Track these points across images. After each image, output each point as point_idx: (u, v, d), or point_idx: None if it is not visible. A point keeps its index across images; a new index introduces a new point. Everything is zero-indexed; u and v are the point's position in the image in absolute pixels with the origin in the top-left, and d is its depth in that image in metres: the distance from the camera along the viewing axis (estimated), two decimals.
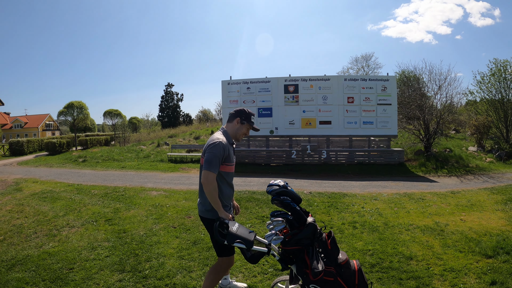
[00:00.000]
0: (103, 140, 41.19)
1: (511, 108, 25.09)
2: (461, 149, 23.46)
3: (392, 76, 20.56)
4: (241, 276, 5.66)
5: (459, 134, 30.64)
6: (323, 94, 20.02)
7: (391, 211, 9.57)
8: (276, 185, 3.79)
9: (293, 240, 3.60)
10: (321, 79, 20.14)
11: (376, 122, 19.87)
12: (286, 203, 3.72)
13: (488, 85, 26.04)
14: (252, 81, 20.82)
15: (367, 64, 52.77)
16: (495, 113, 25.78)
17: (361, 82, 20.15)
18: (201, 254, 6.52)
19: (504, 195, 11.42)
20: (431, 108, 22.25)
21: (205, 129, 37.35)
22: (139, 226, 8.37)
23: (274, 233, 3.60)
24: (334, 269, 3.51)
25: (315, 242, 3.62)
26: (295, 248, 3.60)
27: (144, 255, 6.55)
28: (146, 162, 22.21)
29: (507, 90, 25.38)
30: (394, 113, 20.03)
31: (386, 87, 19.97)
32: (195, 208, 9.96)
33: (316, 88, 20.08)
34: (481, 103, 27.35)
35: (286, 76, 20.46)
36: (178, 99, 68.12)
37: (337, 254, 3.65)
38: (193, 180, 15.29)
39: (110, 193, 12.09)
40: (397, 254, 6.46)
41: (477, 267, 5.85)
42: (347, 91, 19.98)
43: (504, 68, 25.45)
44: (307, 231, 3.59)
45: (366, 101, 19.89)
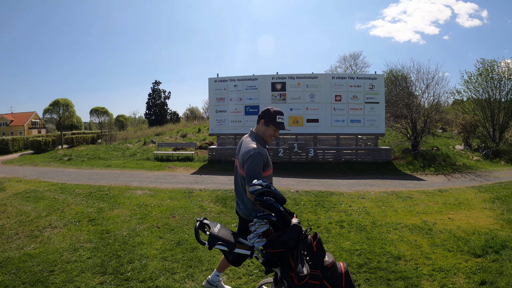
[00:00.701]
0: (90, 138, 40.70)
1: (498, 107, 25.49)
2: (448, 148, 23.61)
3: (380, 75, 20.58)
4: (226, 277, 5.53)
5: (446, 132, 30.81)
6: (311, 92, 19.96)
7: (379, 210, 9.48)
8: (259, 185, 3.61)
9: (277, 242, 3.46)
10: (309, 77, 20.08)
11: (364, 120, 19.86)
12: (269, 204, 3.55)
13: (475, 85, 26.44)
14: (239, 78, 20.70)
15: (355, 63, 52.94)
16: (482, 112, 26.12)
17: (349, 80, 20.12)
18: (185, 255, 6.38)
19: (491, 194, 11.41)
20: (418, 107, 22.32)
21: (192, 127, 37.13)
22: (122, 226, 8.19)
23: (257, 235, 3.45)
24: (320, 272, 3.40)
25: (300, 244, 3.48)
26: (279, 251, 3.47)
27: (127, 256, 6.39)
28: (132, 160, 21.96)
29: (494, 90, 25.76)
30: (382, 112, 20.01)
31: (373, 86, 19.93)
32: (180, 207, 9.81)
33: (303, 86, 20.01)
34: (468, 102, 27.67)
35: (273, 74, 20.39)
36: (166, 96, 67.85)
37: (323, 257, 3.55)
38: (179, 179, 15.11)
39: (94, 193, 11.88)
40: (385, 254, 6.37)
41: (466, 266, 5.79)
42: (334, 89, 19.92)
43: (491, 68, 25.84)
44: (292, 233, 3.45)
45: (353, 99, 19.85)
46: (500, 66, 25.86)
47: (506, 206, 9.83)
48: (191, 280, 5.46)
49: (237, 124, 20.62)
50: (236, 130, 20.66)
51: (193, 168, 18.41)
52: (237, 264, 3.61)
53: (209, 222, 3.61)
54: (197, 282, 5.39)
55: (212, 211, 9.49)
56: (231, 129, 20.78)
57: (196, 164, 19.75)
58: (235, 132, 20.72)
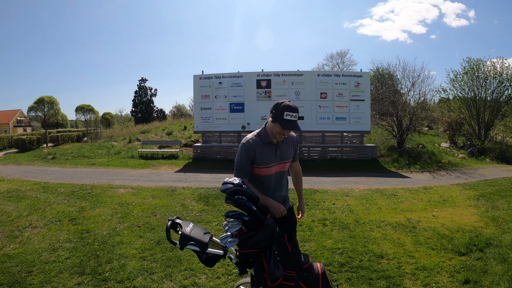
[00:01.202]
0: (75, 137, 40.28)
1: (483, 106, 25.85)
2: (433, 145, 23.76)
3: (366, 72, 20.58)
4: (204, 277, 5.41)
5: (432, 130, 31.06)
6: (296, 89, 19.88)
7: (363, 208, 9.40)
8: (231, 183, 3.45)
9: (250, 242, 3.32)
10: (294, 74, 19.98)
11: (349, 118, 19.82)
12: (241, 203, 3.40)
13: (461, 83, 26.85)
14: (224, 75, 20.56)
15: (342, 61, 52.91)
16: (468, 111, 26.45)
17: (335, 77, 20.06)
18: (164, 255, 6.24)
19: (476, 191, 11.45)
20: (404, 105, 22.42)
21: (178, 125, 36.96)
22: (103, 225, 8.03)
23: (229, 235, 3.31)
24: (295, 273, 3.29)
25: (274, 244, 3.35)
26: (252, 251, 3.33)
27: (106, 256, 6.24)
28: (117, 158, 21.73)
29: (480, 88, 26.17)
30: (367, 109, 20.02)
31: (359, 83, 19.91)
32: (161, 206, 9.69)
33: (289, 83, 19.91)
34: (454, 101, 28.05)
35: (258, 71, 20.27)
36: (152, 94, 67.39)
37: (299, 257, 3.42)
38: (163, 177, 14.93)
39: (77, 191, 11.66)
40: (368, 253, 6.28)
41: (449, 265, 5.73)
42: (320, 86, 19.85)
43: (477, 67, 26.23)
44: (264, 233, 3.31)
45: (339, 96, 19.80)
46: (486, 65, 26.25)
47: (491, 203, 9.88)
48: (169, 280, 5.33)
49: (222, 122, 20.47)
50: (221, 127, 20.54)
51: (177, 166, 18.24)
52: (210, 264, 3.44)
53: (181, 222, 3.43)
54: (175, 282, 5.27)
55: (194, 209, 9.36)
56: (216, 127, 20.63)
57: (180, 162, 19.57)
58: (220, 129, 20.60)
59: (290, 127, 3.58)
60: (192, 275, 5.44)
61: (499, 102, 25.93)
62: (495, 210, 9.18)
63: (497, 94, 25.91)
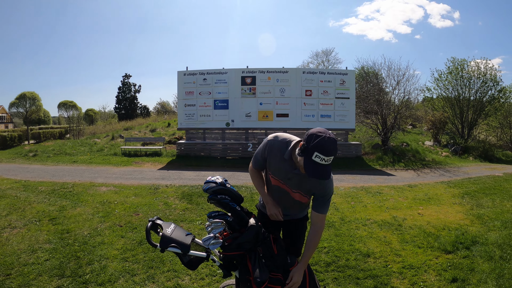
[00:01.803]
0: (57, 133, 39.64)
1: (467, 105, 26.27)
2: (418, 144, 23.96)
3: (351, 70, 20.61)
4: (188, 279, 5.27)
5: (416, 129, 31.34)
6: (281, 86, 19.80)
7: (348, 206, 9.33)
8: (213, 182, 3.35)
9: (234, 244, 3.19)
10: (279, 71, 19.92)
11: (334, 115, 19.86)
12: (225, 203, 3.30)
13: (445, 83, 27.31)
14: (208, 72, 20.34)
15: (327, 59, 52.94)
16: (452, 110, 26.83)
17: (320, 75, 20.06)
18: (146, 255, 6.06)
19: (461, 189, 11.51)
20: (389, 103, 22.55)
21: (162, 122, 36.64)
22: (84, 225, 7.79)
23: (212, 236, 3.15)
24: (281, 276, 3.15)
25: (259, 246, 3.22)
26: (236, 254, 3.20)
27: (86, 257, 6.04)
28: (99, 156, 21.40)
29: (464, 88, 26.63)
30: (352, 107, 20.07)
31: (344, 81, 19.93)
32: (144, 204, 9.47)
33: (273, 80, 19.82)
34: (438, 100, 28.44)
35: (243, 68, 20.14)
36: (136, 90, 66.53)
37: (285, 259, 3.27)
38: (145, 174, 14.72)
39: (58, 190, 11.36)
40: (354, 251, 6.21)
41: (436, 263, 5.70)
42: (305, 84, 19.83)
43: (461, 67, 26.73)
44: (249, 234, 3.18)
45: (324, 94, 19.80)
46: (470, 65, 26.68)
47: (476, 201, 9.91)
48: (152, 282, 5.19)
49: (206, 119, 20.28)
50: (205, 124, 20.36)
51: (160, 164, 18.03)
52: (193, 267, 3.30)
53: (162, 222, 3.29)
54: (157, 284, 5.13)
55: (177, 208, 9.17)
56: (200, 124, 20.43)
57: (164, 159, 19.35)
58: (204, 126, 20.42)
59: (315, 173, 2.81)
60: (175, 277, 5.30)
61: (483, 102, 26.37)
62: (479, 208, 9.20)
63: (481, 94, 26.33)
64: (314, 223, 3.30)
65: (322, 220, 3.30)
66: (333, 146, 2.77)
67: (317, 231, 3.29)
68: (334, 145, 2.78)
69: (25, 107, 38.60)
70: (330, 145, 2.75)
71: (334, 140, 2.79)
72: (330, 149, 2.75)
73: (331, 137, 2.78)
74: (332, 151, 2.76)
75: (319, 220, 3.29)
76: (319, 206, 3.27)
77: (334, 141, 2.79)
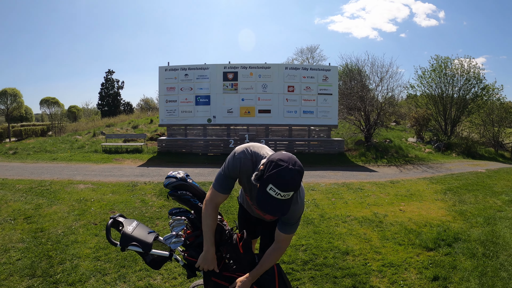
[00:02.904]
0: (39, 131, 39.13)
1: (450, 102, 26.64)
2: (401, 140, 24.09)
3: (334, 66, 20.53)
4: (160, 278, 5.09)
5: (399, 126, 31.54)
6: (263, 82, 19.64)
7: (328, 202, 9.17)
8: (173, 177, 3.15)
9: (196, 243, 3.03)
10: (262, 67, 19.74)
11: (317, 111, 19.77)
12: (186, 199, 3.12)
13: (428, 80, 27.75)
14: (190, 67, 20.10)
15: (312, 56, 52.88)
16: (435, 107, 27.20)
17: (302, 71, 19.95)
18: (118, 255, 5.85)
19: (443, 185, 11.49)
20: (372, 100, 22.57)
21: (145, 118, 36.40)
22: (58, 223, 7.56)
23: (174, 234, 2.98)
24: None
25: (223, 246, 3.01)
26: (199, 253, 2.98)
27: (58, 256, 5.83)
28: (80, 153, 21.06)
29: (447, 86, 27.09)
30: (335, 103, 20.01)
31: (327, 77, 19.86)
32: (120, 202, 9.24)
33: (256, 76, 19.65)
34: (421, 97, 28.92)
35: (225, 63, 19.93)
36: (119, 86, 65.90)
37: (253, 259, 3.05)
38: (125, 171, 14.46)
39: (35, 188, 11.05)
40: (333, 249, 6.04)
41: (417, 261, 5.58)
42: (287, 79, 19.70)
43: (445, 65, 27.16)
44: None
45: (306, 90, 19.72)
46: (454, 63, 27.04)
47: (458, 197, 9.88)
48: (123, 281, 5.00)
49: (188, 115, 20.08)
50: (186, 120, 20.16)
51: (141, 160, 17.79)
52: (156, 267, 3.09)
53: (124, 220, 3.11)
54: (129, 283, 4.94)
55: (154, 205, 8.96)
56: (181, 120, 20.23)
57: (144, 156, 19.10)
58: (186, 122, 20.22)
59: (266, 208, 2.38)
60: (147, 276, 5.12)
61: (466, 99, 26.73)
62: (462, 204, 9.14)
63: (464, 91, 26.71)
64: (277, 241, 2.89)
65: (286, 240, 2.90)
66: (294, 181, 2.30)
67: (279, 250, 2.90)
68: (296, 179, 2.31)
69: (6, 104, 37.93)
70: (290, 179, 2.29)
71: (297, 173, 2.32)
72: (289, 183, 2.29)
73: (294, 169, 2.31)
74: (291, 186, 2.30)
75: (283, 240, 2.88)
76: (283, 227, 2.82)
77: (298, 173, 2.33)
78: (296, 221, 2.82)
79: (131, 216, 7.89)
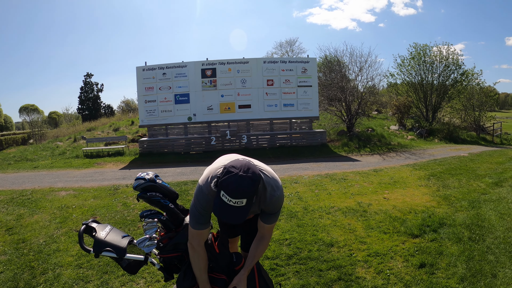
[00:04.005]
0: (20, 139, 38.59)
1: (431, 89, 27.22)
2: (383, 128, 24.31)
3: (312, 58, 20.50)
4: (143, 282, 4.99)
5: (381, 114, 31.83)
6: (242, 77, 19.57)
7: (312, 194, 9.07)
8: (142, 179, 3.06)
9: (169, 245, 2.94)
10: (240, 62, 19.64)
11: (297, 104, 19.78)
12: (155, 200, 3.03)
13: (408, 68, 28.48)
14: (168, 66, 19.91)
15: (291, 49, 52.99)
16: (415, 94, 27.74)
17: (281, 64, 19.92)
18: (101, 260, 5.71)
19: (426, 171, 11.52)
20: (352, 90, 22.59)
21: (126, 120, 36.13)
22: (40, 233, 7.40)
23: (147, 237, 2.88)
24: (226, 277, 2.86)
25: None
26: (173, 255, 2.94)
27: (40, 267, 5.72)
28: (61, 159, 20.78)
29: (427, 73, 27.72)
30: (315, 95, 20.02)
31: (306, 69, 19.85)
32: (102, 206, 9.08)
33: (234, 71, 19.54)
34: (402, 85, 29.51)
35: (203, 60, 19.79)
36: (99, 89, 65.40)
37: (229, 258, 2.95)
38: (106, 175, 14.27)
39: (16, 198, 10.83)
40: (317, 242, 5.94)
41: (403, 248, 5.52)
42: (266, 73, 19.64)
43: (423, 52, 27.82)
44: (184, 234, 2.91)
45: (286, 83, 19.69)
46: (432, 51, 27.56)
47: (442, 182, 9.89)
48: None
49: (168, 114, 19.90)
50: (166, 120, 20.00)
51: (123, 163, 17.60)
52: (132, 271, 2.99)
53: (97, 225, 3.03)
54: None
55: (136, 208, 8.78)
56: (161, 119, 20.04)
57: (126, 158, 18.90)
58: (166, 122, 20.05)
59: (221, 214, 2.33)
60: (130, 281, 5.00)
61: (445, 85, 27.26)
62: (446, 188, 9.14)
63: (443, 77, 27.29)
64: (261, 232, 2.88)
65: (270, 230, 2.90)
66: (243, 188, 2.24)
67: (265, 240, 2.89)
68: (246, 186, 2.25)
69: None
70: (238, 187, 2.23)
71: (248, 179, 2.27)
72: (239, 191, 2.23)
73: (245, 176, 2.26)
74: (242, 193, 2.23)
75: (267, 231, 2.87)
76: (266, 218, 2.80)
77: (249, 180, 2.27)
78: (278, 211, 2.80)
79: (113, 221, 7.83)
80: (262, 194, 2.63)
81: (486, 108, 27.46)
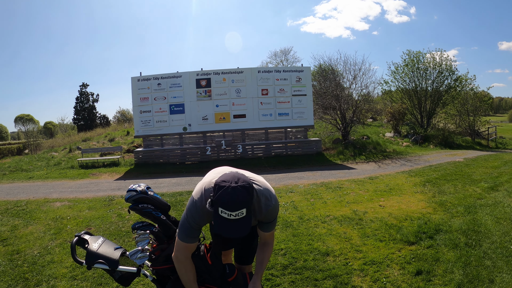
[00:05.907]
0: (15, 149, 38.48)
1: (425, 95, 27.33)
2: (378, 136, 24.37)
3: (307, 67, 20.58)
4: None
5: (376, 122, 31.98)
6: (237, 87, 19.59)
7: (307, 203, 9.05)
8: (133, 191, 3.10)
9: (161, 256, 2.93)
10: (234, 72, 19.68)
11: (292, 113, 19.81)
12: (147, 212, 3.06)
13: (402, 75, 28.65)
14: (162, 76, 19.96)
15: (286, 58, 53.18)
16: (410, 101, 27.95)
17: (275, 73, 20.00)
18: (95, 272, 5.68)
19: (422, 177, 11.52)
20: (347, 98, 22.69)
21: (121, 130, 36.13)
22: (34, 244, 7.36)
23: (139, 249, 2.88)
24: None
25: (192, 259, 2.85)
26: (165, 267, 2.92)
27: (35, 278, 5.68)
28: (56, 170, 20.69)
29: (421, 79, 27.90)
30: (310, 104, 20.06)
31: (300, 78, 19.92)
32: (97, 218, 9.03)
33: (229, 81, 19.57)
34: (396, 92, 29.69)
35: (198, 70, 19.78)
36: (94, 99, 65.33)
37: (221, 269, 2.96)
38: (101, 186, 14.20)
39: (11, 209, 10.76)
40: (312, 251, 5.92)
41: (399, 256, 5.50)
42: (261, 83, 19.68)
43: (417, 59, 27.99)
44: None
45: (280, 92, 19.72)
46: (426, 57, 27.80)
47: (437, 188, 9.90)
48: None
49: (163, 124, 19.88)
50: (161, 130, 19.96)
51: (118, 174, 17.53)
52: (126, 283, 2.97)
53: (90, 237, 3.05)
54: None
55: (130, 219, 8.72)
56: (156, 130, 20.00)
57: (122, 169, 18.83)
58: (161, 132, 20.01)
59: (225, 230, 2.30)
60: None
61: (439, 91, 27.46)
62: (442, 194, 9.14)
63: (437, 83, 27.53)
64: (263, 240, 2.93)
65: (271, 236, 2.96)
66: (239, 198, 2.24)
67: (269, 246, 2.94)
68: (241, 196, 2.26)
69: None
70: (234, 199, 2.23)
71: (242, 188, 2.28)
72: (236, 202, 2.23)
73: (237, 186, 2.27)
74: (239, 204, 2.24)
75: (269, 237, 2.92)
76: (265, 227, 2.84)
77: (243, 189, 2.28)
78: (275, 218, 2.84)
79: (107, 232, 7.78)
80: (257, 205, 2.64)
81: (480, 113, 27.63)
